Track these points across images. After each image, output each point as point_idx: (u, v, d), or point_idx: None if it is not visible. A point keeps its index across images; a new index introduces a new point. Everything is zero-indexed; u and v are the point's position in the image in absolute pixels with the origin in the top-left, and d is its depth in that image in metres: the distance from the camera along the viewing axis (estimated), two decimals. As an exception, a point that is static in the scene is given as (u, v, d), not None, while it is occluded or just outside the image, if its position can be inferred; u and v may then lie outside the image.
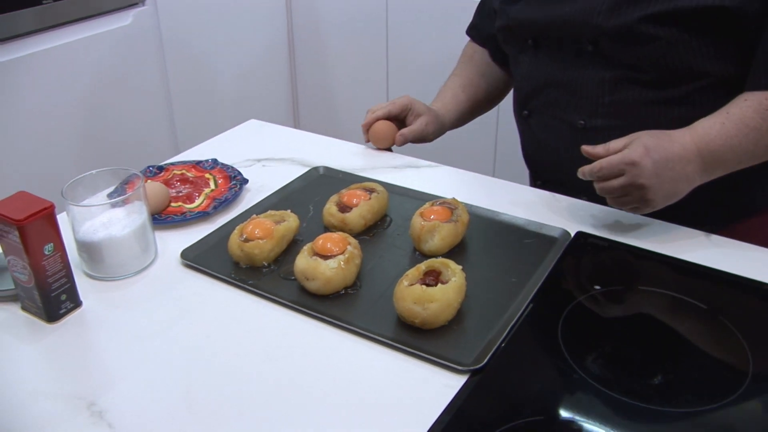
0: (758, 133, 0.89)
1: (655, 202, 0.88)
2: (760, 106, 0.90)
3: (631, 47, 0.97)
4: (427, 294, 0.74)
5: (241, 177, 1.10)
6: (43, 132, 1.87)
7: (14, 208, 0.75)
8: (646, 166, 0.85)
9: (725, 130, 0.90)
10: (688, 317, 0.78)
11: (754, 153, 0.91)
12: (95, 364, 0.74)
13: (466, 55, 1.33)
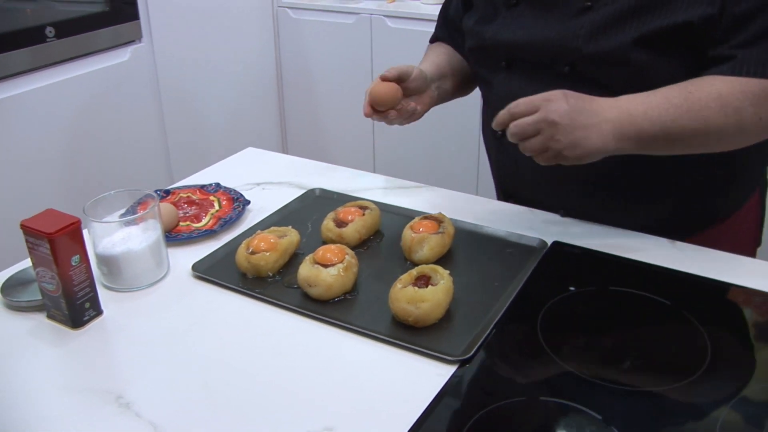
0: (678, 110, 0.90)
1: (562, 144, 0.88)
2: (684, 88, 0.92)
3: (608, 69, 1.00)
4: (419, 295, 0.83)
5: (244, 198, 1.19)
6: (44, 163, 1.95)
7: (44, 223, 0.83)
8: (560, 104, 0.88)
9: (649, 100, 0.91)
10: (653, 312, 0.87)
11: (671, 132, 0.91)
12: (119, 364, 0.82)
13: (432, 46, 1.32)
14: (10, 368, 0.80)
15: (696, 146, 0.94)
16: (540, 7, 1.06)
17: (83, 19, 2.03)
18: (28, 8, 1.96)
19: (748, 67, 0.90)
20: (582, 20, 1.01)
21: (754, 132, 0.93)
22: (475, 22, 1.16)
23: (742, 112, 0.90)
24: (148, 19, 2.22)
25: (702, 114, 0.90)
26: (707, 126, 0.90)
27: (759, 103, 0.90)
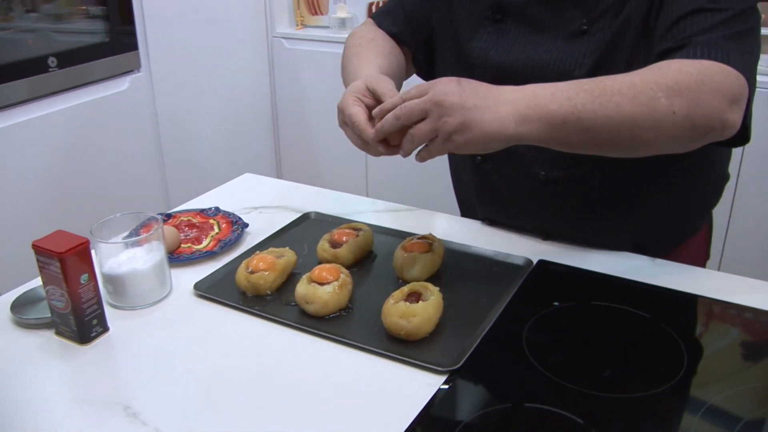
0: (589, 95, 0.85)
1: (451, 125, 0.83)
2: (598, 78, 0.88)
3: None
4: (410, 309, 0.88)
5: (242, 222, 1.23)
6: (46, 188, 2.00)
7: (54, 243, 0.87)
8: (450, 86, 0.84)
9: (557, 85, 0.87)
10: (633, 325, 0.92)
11: (581, 117, 0.85)
12: (125, 377, 0.86)
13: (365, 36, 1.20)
14: (21, 381, 0.84)
15: (608, 138, 0.87)
16: (529, 26, 1.07)
17: (84, 49, 2.10)
18: (30, 39, 2.02)
19: (712, 51, 0.88)
20: (580, 44, 1.02)
21: (668, 126, 0.86)
22: (453, 35, 1.15)
23: (654, 102, 0.84)
24: (146, 50, 2.29)
25: (615, 100, 0.84)
26: (621, 114, 0.84)
27: (672, 95, 0.85)
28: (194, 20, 2.46)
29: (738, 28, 0.91)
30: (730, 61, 0.88)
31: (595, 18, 1.01)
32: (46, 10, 2.09)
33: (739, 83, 0.88)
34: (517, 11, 1.08)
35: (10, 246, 1.89)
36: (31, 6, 2.05)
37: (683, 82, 0.85)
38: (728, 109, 0.87)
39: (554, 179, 1.09)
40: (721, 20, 0.91)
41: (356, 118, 0.92)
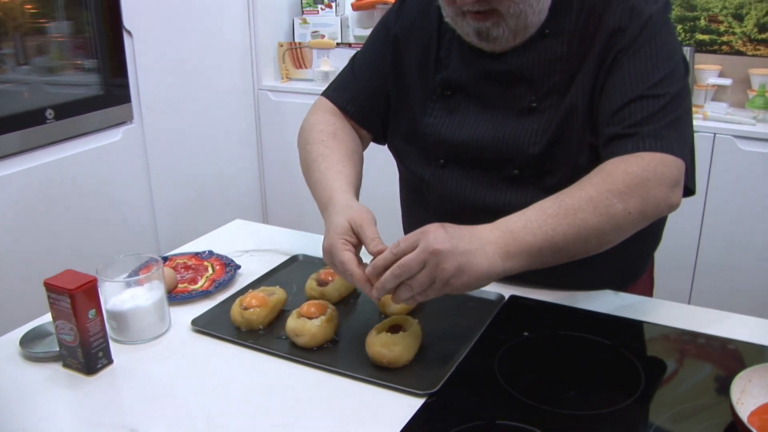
0: (556, 219, 0.94)
1: (448, 272, 0.88)
2: (557, 198, 0.97)
3: (556, 172, 1.10)
4: (392, 339, 0.96)
5: (235, 264, 1.32)
6: (43, 234, 2.07)
7: (64, 281, 0.95)
8: (439, 233, 0.89)
9: (526, 216, 0.95)
10: (596, 351, 1.01)
11: (554, 240, 0.94)
12: (130, 404, 0.93)
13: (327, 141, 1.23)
14: (31, 410, 0.91)
15: (580, 250, 0.98)
16: (478, 103, 1.16)
17: (80, 101, 2.19)
18: (25, 92, 2.12)
19: (654, 143, 1.01)
20: (531, 121, 1.12)
21: (628, 225, 0.98)
22: (406, 110, 1.22)
23: (612, 209, 0.95)
24: (138, 102, 2.39)
25: (579, 217, 0.94)
26: (586, 228, 0.95)
27: (625, 199, 0.96)
28: (184, 73, 2.57)
29: (676, 113, 1.04)
30: (672, 149, 1.02)
31: (542, 96, 1.12)
32: (39, 62, 2.17)
33: (677, 166, 1.02)
34: (466, 88, 1.18)
35: (14, 286, 1.96)
36: (24, 59, 2.13)
37: (631, 183, 0.98)
38: (672, 193, 1.01)
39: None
40: (661, 106, 1.04)
41: (349, 267, 0.96)
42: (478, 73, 1.17)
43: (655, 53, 1.07)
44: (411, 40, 1.25)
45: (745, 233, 2.16)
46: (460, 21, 1.12)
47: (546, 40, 1.13)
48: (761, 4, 2.30)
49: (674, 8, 2.44)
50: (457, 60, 1.19)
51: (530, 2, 1.07)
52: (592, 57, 1.09)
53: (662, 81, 1.05)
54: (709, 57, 2.42)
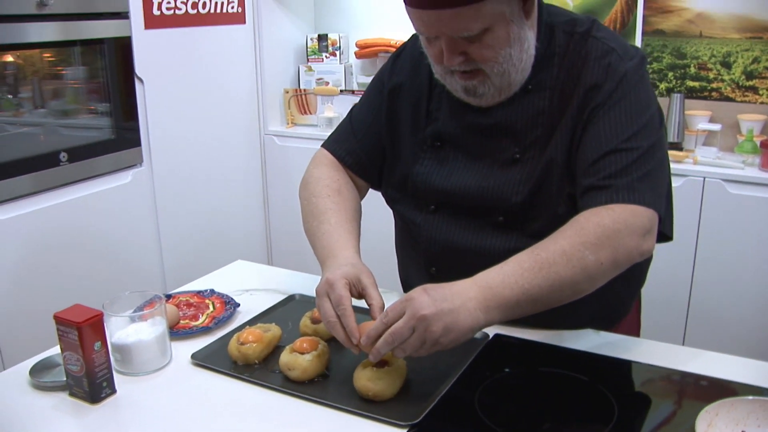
0: (531, 272, 1.01)
1: (436, 333, 0.96)
2: (532, 252, 1.04)
3: (538, 219, 1.17)
4: (377, 373, 1.02)
5: (234, 302, 1.38)
6: (52, 271, 2.14)
7: (73, 315, 1.02)
8: (423, 299, 0.97)
9: (503, 271, 1.02)
10: (573, 386, 1.06)
11: (530, 293, 1.01)
12: (133, 430, 0.99)
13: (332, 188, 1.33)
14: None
15: (556, 300, 1.05)
16: (466, 154, 1.24)
17: (92, 145, 2.29)
18: (41, 134, 2.22)
19: (627, 195, 1.08)
20: (514, 172, 1.19)
21: (601, 275, 1.06)
22: (399, 160, 1.30)
23: (585, 261, 1.03)
24: (148, 146, 2.49)
25: (553, 270, 1.02)
26: (561, 280, 1.02)
27: (597, 250, 1.03)
28: (193, 118, 2.68)
29: (648, 166, 1.12)
30: (643, 201, 1.09)
31: (525, 148, 1.20)
32: (54, 106, 2.28)
33: (648, 216, 1.09)
34: (454, 139, 1.26)
35: (25, 320, 2.03)
36: (40, 102, 2.24)
37: (603, 235, 1.05)
38: (643, 242, 1.08)
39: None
40: (634, 159, 1.11)
41: (345, 303, 1.06)
42: (465, 125, 1.25)
43: (629, 108, 1.14)
44: (404, 94, 1.33)
45: (737, 274, 2.21)
46: (448, 78, 1.20)
47: (529, 95, 1.21)
48: (747, 53, 2.39)
49: (665, 56, 2.53)
50: (447, 113, 1.27)
51: (513, 62, 1.15)
52: (570, 112, 1.17)
53: (636, 134, 1.13)
54: (699, 103, 2.50)
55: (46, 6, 2.07)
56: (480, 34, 1.10)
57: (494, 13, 1.09)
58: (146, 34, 2.41)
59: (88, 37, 2.25)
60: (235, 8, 2.77)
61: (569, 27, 1.21)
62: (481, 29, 1.10)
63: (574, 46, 1.19)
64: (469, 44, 1.12)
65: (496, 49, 1.13)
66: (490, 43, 1.12)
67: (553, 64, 1.20)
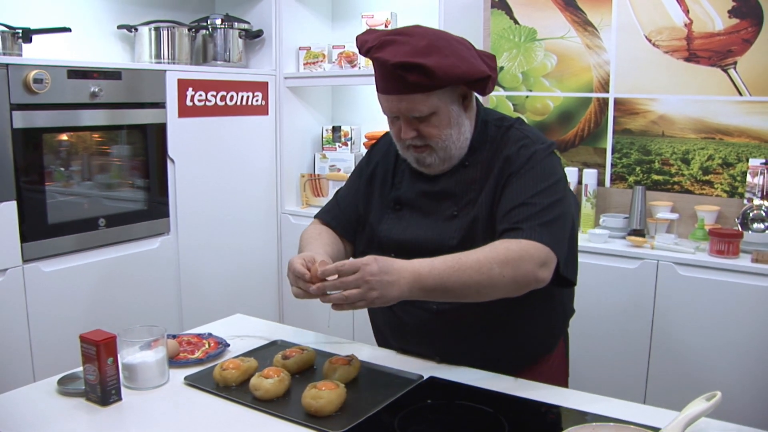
0: (451, 270, 1.35)
1: (374, 295, 1.29)
2: (458, 256, 1.37)
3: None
4: (318, 393, 1.32)
5: (225, 342, 1.70)
6: (89, 317, 2.48)
7: (94, 335, 1.35)
8: (373, 267, 1.30)
9: (432, 264, 1.35)
10: (479, 416, 1.34)
11: (446, 285, 1.34)
12: (135, 429, 1.30)
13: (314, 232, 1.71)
14: (60, 429, 1.29)
15: (463, 296, 1.39)
16: (419, 213, 1.61)
17: (127, 213, 2.67)
18: (85, 203, 2.60)
19: (530, 234, 1.41)
20: (452, 224, 1.55)
21: (502, 287, 1.38)
22: (371, 220, 1.65)
23: (491, 271, 1.36)
24: (176, 217, 2.86)
25: (467, 273, 1.36)
26: (471, 280, 1.36)
27: (502, 266, 1.36)
28: (217, 195, 3.04)
29: (548, 217, 1.46)
30: (542, 240, 1.42)
31: (461, 207, 1.56)
32: (100, 179, 2.66)
33: (546, 253, 1.42)
34: (411, 202, 1.64)
35: (59, 346, 2.35)
36: (88, 175, 2.63)
37: (509, 256, 1.39)
38: (539, 270, 1.41)
39: (443, 310, 1.56)
40: (537, 211, 1.46)
41: (298, 267, 1.42)
42: (419, 192, 1.63)
43: (535, 176, 1.51)
44: (378, 174, 1.73)
45: (690, 344, 2.44)
46: (406, 152, 1.59)
47: (466, 169, 1.59)
48: (703, 151, 2.70)
49: (633, 152, 2.85)
50: (407, 183, 1.66)
51: (453, 140, 1.54)
52: (492, 179, 1.54)
53: (539, 193, 1.48)
54: (663, 194, 2.80)
55: (97, 96, 2.49)
56: (428, 116, 1.50)
57: (439, 102, 1.49)
58: (179, 122, 2.82)
59: (130, 123, 2.66)
60: (260, 101, 3.19)
61: (499, 122, 1.62)
62: (428, 112, 1.49)
63: (501, 134, 1.59)
64: (419, 123, 1.51)
65: (440, 129, 1.52)
66: (436, 124, 1.51)
67: (485, 148, 1.59)
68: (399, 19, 3.19)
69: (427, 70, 1.42)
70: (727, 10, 2.57)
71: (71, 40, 2.74)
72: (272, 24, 3.26)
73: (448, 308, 1.56)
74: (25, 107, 2.28)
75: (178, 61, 2.99)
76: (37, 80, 2.28)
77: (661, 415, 1.32)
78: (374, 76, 1.55)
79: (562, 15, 2.92)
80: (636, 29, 2.76)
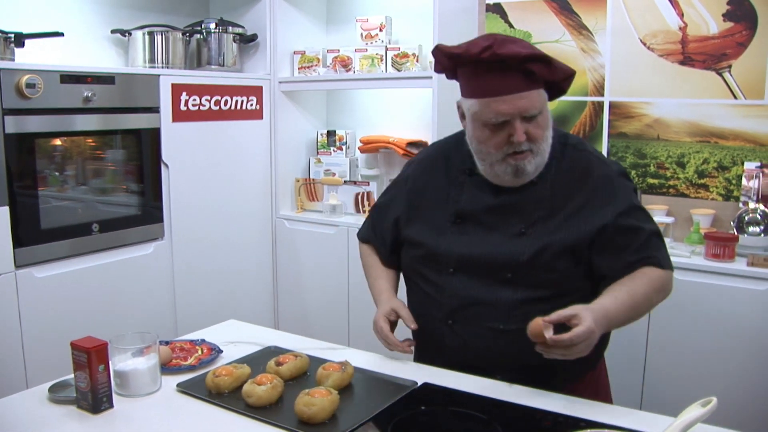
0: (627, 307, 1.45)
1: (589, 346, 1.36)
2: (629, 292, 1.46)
3: (539, 275, 1.50)
4: (311, 401, 1.31)
5: (218, 348, 1.69)
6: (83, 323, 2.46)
7: (85, 342, 1.34)
8: (597, 333, 1.36)
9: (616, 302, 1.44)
10: (473, 422, 1.33)
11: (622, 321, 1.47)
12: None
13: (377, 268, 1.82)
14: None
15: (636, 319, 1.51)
16: (482, 227, 1.57)
17: (121, 219, 2.66)
18: (79, 208, 2.58)
19: (663, 263, 1.52)
20: (521, 242, 1.52)
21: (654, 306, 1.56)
22: (424, 235, 1.63)
23: (651, 301, 1.51)
24: (170, 222, 2.85)
25: (636, 307, 1.49)
26: (638, 314, 1.51)
27: (657, 293, 1.51)
28: (211, 200, 3.03)
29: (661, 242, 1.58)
30: (670, 266, 1.57)
31: (529, 224, 1.54)
32: (93, 184, 2.64)
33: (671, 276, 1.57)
34: (473, 217, 1.60)
35: (51, 353, 2.34)
36: (82, 180, 2.61)
37: (662, 285, 1.54)
38: (671, 289, 1.57)
39: (508, 330, 1.54)
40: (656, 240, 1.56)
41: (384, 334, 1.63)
42: (483, 206, 1.60)
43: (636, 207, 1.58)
44: (426, 190, 1.70)
45: (686, 349, 2.44)
46: (500, 164, 1.53)
47: (533, 186, 1.56)
48: (698, 154, 2.70)
49: (628, 156, 2.84)
50: (468, 197, 1.62)
51: (548, 143, 1.54)
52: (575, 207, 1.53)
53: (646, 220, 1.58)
54: (658, 198, 2.79)
55: (91, 101, 2.48)
56: (536, 115, 1.48)
57: (542, 99, 1.49)
58: (173, 126, 2.81)
59: (124, 128, 2.65)
60: (254, 106, 3.18)
61: (563, 138, 1.62)
62: (539, 110, 1.48)
63: (569, 154, 1.59)
64: (528, 124, 1.48)
65: (543, 130, 1.51)
66: (541, 124, 1.50)
67: (551, 164, 1.57)
68: (394, 23, 3.18)
69: (550, 61, 1.46)
70: (722, 14, 2.57)
71: (64, 45, 2.73)
72: (266, 28, 3.25)
73: (514, 328, 1.52)
74: (18, 112, 2.27)
75: (172, 65, 2.98)
76: (29, 85, 2.27)
77: (656, 421, 1.31)
78: (471, 83, 1.51)
79: (556, 18, 2.91)
80: (631, 32, 2.76)
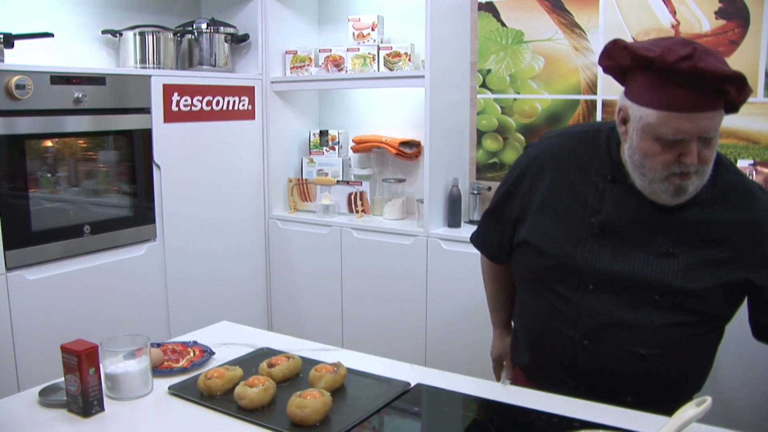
0: None
1: None
2: None
3: (690, 300, 1.39)
4: (303, 403, 1.30)
5: (210, 350, 1.68)
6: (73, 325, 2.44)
7: (75, 345, 1.33)
8: None
9: None
10: (466, 422, 1.33)
11: None
12: (111, 439, 1.28)
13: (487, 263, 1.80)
14: (41, 439, 1.27)
15: None
16: (626, 242, 1.44)
17: (112, 220, 2.64)
18: (70, 210, 2.57)
19: None
20: (668, 263, 1.40)
21: None
22: (556, 244, 1.49)
23: None
24: (162, 223, 2.83)
25: None
26: None
27: None
28: (204, 201, 3.02)
29: None
30: None
31: (678, 244, 1.42)
32: (84, 185, 2.63)
33: None
34: (616, 229, 1.46)
35: (42, 356, 2.32)
36: (73, 182, 2.60)
37: None
38: None
39: (652, 355, 1.44)
40: None
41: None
42: (627, 218, 1.46)
43: None
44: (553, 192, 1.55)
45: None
46: (659, 184, 1.39)
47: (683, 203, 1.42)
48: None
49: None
50: (609, 207, 1.48)
51: (710, 169, 1.39)
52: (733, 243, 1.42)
53: None
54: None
55: (81, 102, 2.46)
56: (713, 137, 1.35)
57: (721, 120, 1.35)
58: (165, 127, 2.79)
59: (115, 129, 2.64)
60: (246, 106, 3.17)
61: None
62: (717, 132, 1.35)
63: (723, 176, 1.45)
64: (702, 146, 1.35)
65: (713, 151, 1.37)
66: (714, 146, 1.37)
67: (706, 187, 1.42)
68: (386, 22, 3.18)
69: (745, 84, 1.30)
70: (714, 12, 2.58)
71: (54, 46, 2.71)
72: (258, 28, 3.24)
73: (655, 354, 1.45)
74: (8, 113, 2.25)
75: (164, 66, 2.96)
76: (19, 86, 2.25)
77: (651, 421, 1.31)
78: (652, 91, 1.34)
79: (549, 17, 2.91)
80: (623, 31, 2.76)
